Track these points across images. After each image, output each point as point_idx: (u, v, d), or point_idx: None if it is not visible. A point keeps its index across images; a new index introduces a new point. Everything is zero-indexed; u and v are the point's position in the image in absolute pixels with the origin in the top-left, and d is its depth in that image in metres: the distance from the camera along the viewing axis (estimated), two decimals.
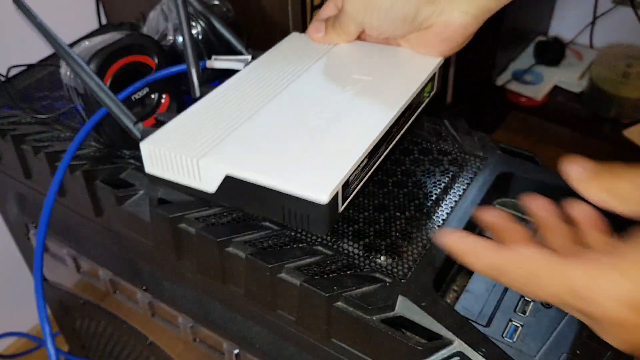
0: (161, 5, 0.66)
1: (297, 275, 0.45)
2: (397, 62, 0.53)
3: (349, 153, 0.41)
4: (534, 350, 0.43)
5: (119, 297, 0.70)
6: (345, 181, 0.40)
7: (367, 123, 0.45)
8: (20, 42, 0.94)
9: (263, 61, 0.55)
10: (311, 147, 0.43)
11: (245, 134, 0.44)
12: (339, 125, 0.45)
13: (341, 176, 0.40)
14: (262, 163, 0.41)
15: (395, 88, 0.49)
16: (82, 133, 0.53)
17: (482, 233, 0.52)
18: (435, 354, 0.41)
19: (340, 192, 0.40)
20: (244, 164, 0.41)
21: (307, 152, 0.42)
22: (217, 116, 0.46)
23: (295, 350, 0.52)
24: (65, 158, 0.51)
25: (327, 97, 0.48)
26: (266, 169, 0.40)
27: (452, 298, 0.48)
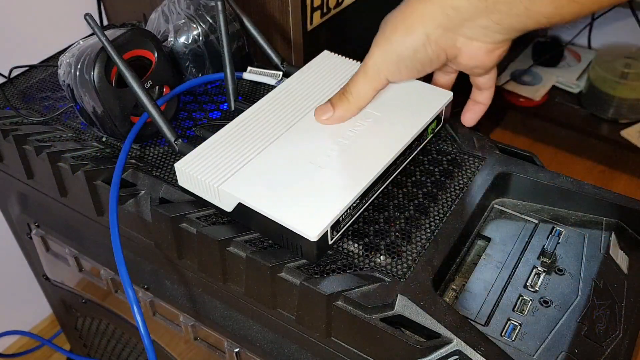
0: (162, 6, 0.66)
1: (297, 275, 0.46)
2: (408, 96, 0.55)
3: (344, 194, 0.46)
4: (533, 349, 0.43)
5: (121, 296, 0.70)
6: (336, 220, 0.45)
7: (366, 163, 0.49)
8: (22, 43, 0.94)
9: (291, 84, 0.58)
10: (312, 183, 0.47)
11: (260, 165, 0.50)
12: (341, 163, 0.49)
13: (332, 217, 0.44)
14: (268, 195, 0.47)
15: (399, 127, 0.52)
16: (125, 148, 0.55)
17: (480, 233, 0.52)
18: (434, 352, 0.41)
19: (329, 230, 0.45)
20: (253, 195, 0.47)
21: (307, 188, 0.47)
22: (239, 143, 0.52)
23: (295, 349, 0.52)
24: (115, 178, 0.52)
25: (337, 132, 0.52)
26: (270, 201, 0.46)
27: (451, 297, 0.48)
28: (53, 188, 0.62)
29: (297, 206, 0.46)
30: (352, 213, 0.47)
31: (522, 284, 0.48)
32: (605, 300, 0.47)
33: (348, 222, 0.47)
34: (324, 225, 0.44)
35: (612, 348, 0.44)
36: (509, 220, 0.53)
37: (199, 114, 0.64)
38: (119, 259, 0.46)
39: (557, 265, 0.49)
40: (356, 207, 0.47)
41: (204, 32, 0.64)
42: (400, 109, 0.54)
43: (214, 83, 0.70)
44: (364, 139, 0.51)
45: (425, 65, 0.50)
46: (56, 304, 0.92)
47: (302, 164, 0.49)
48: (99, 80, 0.54)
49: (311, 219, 0.44)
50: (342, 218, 0.46)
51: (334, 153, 0.50)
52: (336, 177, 0.48)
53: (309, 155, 0.50)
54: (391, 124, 0.52)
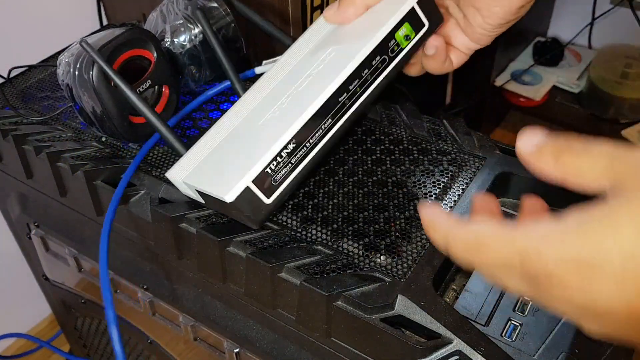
0: (161, 6, 0.66)
1: (297, 275, 0.45)
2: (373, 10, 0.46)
3: (267, 144, 0.42)
4: (533, 350, 0.43)
5: (120, 296, 0.70)
6: (261, 174, 0.41)
7: (301, 103, 0.43)
8: (21, 43, 0.94)
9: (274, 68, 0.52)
10: (244, 146, 0.44)
11: (215, 149, 0.47)
12: (279, 114, 0.44)
13: (247, 173, 0.41)
14: (207, 172, 0.45)
15: (350, 45, 0.44)
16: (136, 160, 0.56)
17: None
18: (435, 352, 0.41)
19: (253, 187, 0.41)
20: (196, 176, 0.45)
21: (238, 153, 0.44)
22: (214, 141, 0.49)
23: (295, 349, 0.52)
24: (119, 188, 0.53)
25: (289, 85, 0.46)
26: (205, 177, 0.45)
27: (451, 297, 0.48)
28: (52, 188, 0.62)
29: (222, 173, 0.43)
30: (289, 161, 0.42)
31: None
32: None
33: (290, 173, 0.43)
34: (238, 183, 0.41)
35: (613, 348, 0.44)
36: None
37: (199, 114, 0.64)
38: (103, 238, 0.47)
39: None
40: (294, 153, 0.42)
41: (201, 33, 0.64)
42: (360, 26, 0.45)
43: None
44: (313, 78, 0.44)
45: None
46: (56, 304, 0.92)
47: (245, 131, 0.46)
48: (98, 80, 0.54)
49: (228, 180, 0.42)
50: (270, 170, 0.42)
51: (278, 107, 0.45)
52: (267, 130, 0.43)
53: (254, 120, 0.46)
54: (345, 47, 0.44)
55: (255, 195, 0.42)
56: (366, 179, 0.54)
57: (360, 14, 0.46)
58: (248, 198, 0.42)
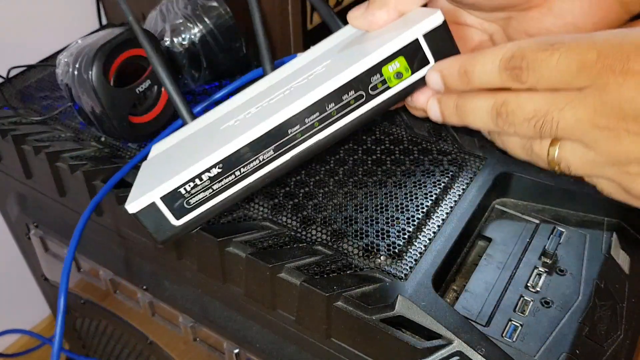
0: (160, 6, 0.66)
1: (297, 275, 0.45)
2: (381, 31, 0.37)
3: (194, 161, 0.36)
4: (534, 350, 0.43)
5: (120, 296, 0.70)
6: (173, 192, 0.36)
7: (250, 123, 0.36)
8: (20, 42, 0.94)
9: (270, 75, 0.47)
10: (182, 158, 0.39)
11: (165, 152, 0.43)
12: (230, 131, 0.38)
13: (156, 188, 0.36)
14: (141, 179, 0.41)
15: (333, 67, 0.37)
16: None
17: (481, 233, 0.52)
18: (435, 353, 0.41)
19: (162, 204, 0.36)
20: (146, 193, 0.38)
21: (172, 164, 0.39)
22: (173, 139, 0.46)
23: (295, 350, 0.52)
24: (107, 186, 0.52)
25: (267, 94, 0.41)
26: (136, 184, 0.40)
27: (451, 298, 0.48)
28: (52, 188, 0.62)
29: (147, 181, 0.38)
30: (210, 186, 0.36)
31: (523, 285, 0.47)
32: (606, 301, 0.47)
33: (208, 199, 0.37)
34: (145, 196, 0.36)
35: (614, 349, 0.44)
36: (510, 221, 0.53)
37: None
38: None
39: (558, 265, 0.49)
40: (218, 179, 0.36)
41: (200, 32, 0.63)
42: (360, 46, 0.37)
43: (213, 83, 0.69)
44: (283, 95, 0.38)
45: None
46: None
47: (197, 137, 0.41)
48: (97, 80, 0.53)
49: (142, 190, 0.37)
50: (185, 190, 0.36)
51: (241, 118, 0.39)
52: (208, 143, 0.38)
53: (215, 126, 0.41)
54: (329, 67, 0.37)
55: (162, 213, 0.37)
56: (366, 179, 0.54)
57: (391, 20, 0.37)
58: (153, 214, 0.37)
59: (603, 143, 0.27)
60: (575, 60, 0.26)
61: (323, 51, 0.43)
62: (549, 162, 0.30)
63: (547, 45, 0.27)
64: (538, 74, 0.27)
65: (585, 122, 0.27)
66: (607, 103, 0.26)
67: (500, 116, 0.29)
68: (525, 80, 0.28)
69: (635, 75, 0.25)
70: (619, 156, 0.27)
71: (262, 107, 0.38)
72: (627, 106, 0.25)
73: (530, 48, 0.27)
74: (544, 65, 0.27)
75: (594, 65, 0.26)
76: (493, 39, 0.39)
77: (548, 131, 0.28)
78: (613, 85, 0.25)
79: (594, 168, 0.28)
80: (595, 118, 0.26)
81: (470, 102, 0.31)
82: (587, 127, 0.27)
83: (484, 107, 0.30)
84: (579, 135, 0.27)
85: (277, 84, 0.42)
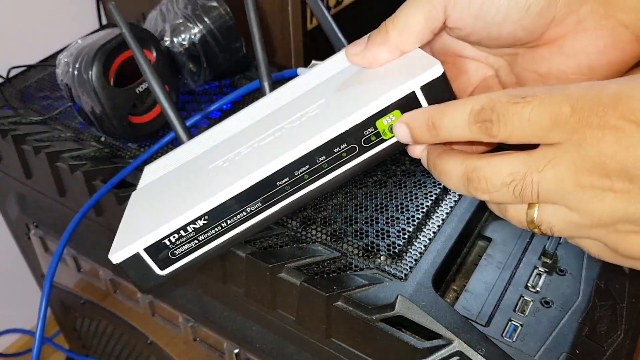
0: (160, 6, 0.66)
1: (297, 275, 0.45)
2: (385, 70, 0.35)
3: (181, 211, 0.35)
4: (534, 350, 0.43)
5: (120, 296, 0.70)
6: (157, 243, 0.35)
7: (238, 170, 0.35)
8: (20, 42, 0.94)
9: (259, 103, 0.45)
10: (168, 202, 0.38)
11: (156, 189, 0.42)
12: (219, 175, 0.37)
13: (140, 238, 0.35)
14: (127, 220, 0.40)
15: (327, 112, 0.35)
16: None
17: (481, 233, 0.52)
18: (435, 353, 0.41)
19: (146, 255, 0.35)
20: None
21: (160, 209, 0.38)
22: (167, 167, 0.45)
23: (295, 350, 0.52)
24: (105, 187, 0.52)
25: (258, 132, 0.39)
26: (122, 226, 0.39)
27: (451, 298, 0.48)
28: (52, 188, 0.62)
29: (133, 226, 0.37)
30: (195, 237, 0.35)
31: (523, 285, 0.47)
32: (606, 301, 0.47)
33: (193, 250, 0.35)
34: (129, 246, 0.35)
35: (614, 349, 0.44)
36: None
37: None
38: None
39: (558, 265, 0.49)
40: (203, 231, 0.35)
41: (200, 32, 0.63)
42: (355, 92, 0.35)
43: (213, 83, 0.69)
44: (274, 138, 0.36)
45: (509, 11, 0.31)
46: (55, 304, 0.92)
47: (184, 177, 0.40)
48: (97, 80, 0.53)
49: (128, 238, 0.36)
50: (169, 242, 0.35)
51: (230, 158, 0.38)
52: (195, 188, 0.37)
53: (204, 163, 0.40)
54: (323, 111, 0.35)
55: (146, 263, 0.36)
56: (366, 179, 0.54)
57: (391, 59, 0.35)
58: (137, 264, 0.36)
59: (587, 204, 0.25)
60: (548, 114, 0.25)
61: (321, 80, 0.41)
62: (527, 224, 0.28)
63: (519, 98, 0.25)
64: (510, 128, 0.26)
65: (568, 181, 0.25)
66: (587, 159, 0.24)
67: (472, 183, 0.28)
68: (495, 134, 0.26)
69: (614, 130, 0.23)
70: (605, 217, 0.25)
71: (252, 148, 0.37)
72: (609, 162, 0.24)
73: (501, 101, 0.26)
74: (515, 118, 0.25)
75: (569, 119, 0.24)
76: (498, 75, 0.37)
77: (529, 195, 0.26)
78: (591, 140, 0.24)
79: (578, 230, 0.27)
80: (577, 176, 0.25)
81: (444, 164, 0.29)
82: (570, 187, 0.25)
83: (455, 171, 0.29)
84: (561, 196, 0.26)
85: (270, 116, 0.41)
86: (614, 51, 0.31)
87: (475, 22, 0.32)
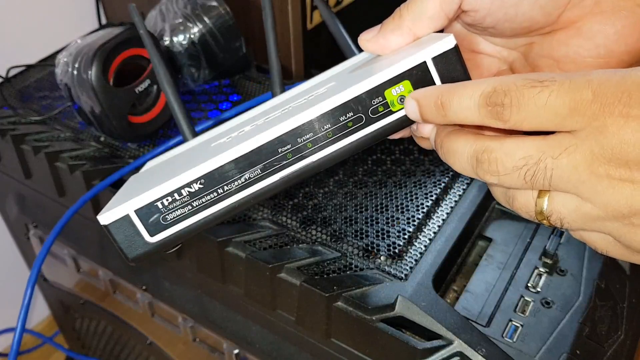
0: (160, 5, 0.66)
1: (297, 275, 0.45)
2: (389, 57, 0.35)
3: (174, 175, 0.34)
4: (534, 350, 0.43)
5: (119, 297, 0.70)
6: (148, 206, 0.33)
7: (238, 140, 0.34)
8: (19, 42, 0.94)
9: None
10: (165, 172, 0.37)
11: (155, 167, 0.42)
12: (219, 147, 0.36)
13: (131, 200, 0.33)
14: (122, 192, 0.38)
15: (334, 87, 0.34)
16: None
17: (482, 233, 0.52)
18: (435, 354, 0.41)
19: (136, 218, 0.34)
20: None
21: (154, 178, 0.37)
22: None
23: (295, 350, 0.52)
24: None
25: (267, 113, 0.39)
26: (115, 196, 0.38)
27: (452, 298, 0.48)
28: (51, 188, 0.62)
29: (126, 193, 0.36)
30: (189, 202, 0.33)
31: (523, 285, 0.47)
32: (607, 301, 0.47)
33: (186, 217, 0.34)
34: (118, 207, 0.33)
35: (614, 349, 0.44)
36: (510, 221, 0.53)
37: (198, 114, 0.64)
38: None
39: (559, 265, 0.49)
40: (198, 196, 0.33)
41: (200, 32, 0.63)
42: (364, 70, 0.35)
43: (213, 83, 0.69)
44: (279, 114, 0.36)
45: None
46: (54, 305, 0.92)
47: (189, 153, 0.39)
48: (97, 80, 0.53)
49: (118, 202, 0.34)
50: (162, 205, 0.33)
51: (235, 135, 0.37)
52: (195, 157, 0.36)
53: (210, 141, 0.39)
54: (330, 91, 0.34)
55: (135, 227, 0.34)
56: (366, 179, 0.54)
57: (405, 44, 0.34)
58: (125, 228, 0.34)
59: (601, 194, 0.24)
60: (568, 100, 0.23)
61: (332, 73, 0.41)
62: (536, 214, 0.27)
63: (536, 82, 0.24)
64: (523, 113, 0.24)
65: (583, 170, 0.24)
66: (607, 147, 0.23)
67: (481, 164, 0.26)
68: (507, 118, 0.25)
69: (638, 118, 0.22)
70: (620, 208, 0.24)
71: (257, 125, 0.36)
72: (630, 150, 0.23)
73: (516, 84, 0.25)
74: (531, 103, 0.24)
75: (590, 105, 0.23)
76: (513, 68, 0.36)
77: (540, 182, 0.25)
78: (612, 128, 0.23)
79: (590, 222, 0.26)
80: (593, 165, 0.24)
81: (452, 143, 0.28)
82: (585, 176, 0.24)
83: (464, 152, 0.27)
84: (575, 185, 0.24)
85: (278, 104, 0.40)
86: (632, 32, 0.30)
87: (492, 3, 0.31)
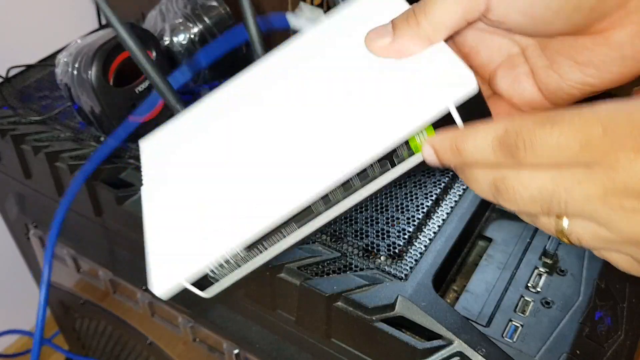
0: (160, 5, 0.66)
1: (297, 275, 0.45)
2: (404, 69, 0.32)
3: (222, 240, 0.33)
4: (534, 350, 0.43)
5: (119, 297, 0.70)
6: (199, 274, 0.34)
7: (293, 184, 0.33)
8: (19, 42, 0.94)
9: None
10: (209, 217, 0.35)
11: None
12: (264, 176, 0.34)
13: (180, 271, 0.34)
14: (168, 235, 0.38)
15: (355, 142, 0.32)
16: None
17: (482, 233, 0.52)
18: (435, 354, 0.41)
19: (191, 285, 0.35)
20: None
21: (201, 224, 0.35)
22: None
23: (295, 350, 0.52)
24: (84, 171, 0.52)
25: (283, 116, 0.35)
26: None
27: (452, 298, 0.48)
28: (51, 188, 0.62)
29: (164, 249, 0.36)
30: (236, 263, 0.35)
31: (523, 285, 0.47)
32: (607, 301, 0.46)
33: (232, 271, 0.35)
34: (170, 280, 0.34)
35: (614, 349, 0.44)
36: (510, 221, 0.53)
37: None
38: None
39: (559, 265, 0.49)
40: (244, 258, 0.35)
41: (200, 32, 0.63)
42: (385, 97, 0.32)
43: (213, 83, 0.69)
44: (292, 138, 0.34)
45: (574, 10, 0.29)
46: (54, 305, 0.92)
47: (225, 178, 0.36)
48: (97, 80, 0.53)
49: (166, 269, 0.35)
50: (218, 269, 0.35)
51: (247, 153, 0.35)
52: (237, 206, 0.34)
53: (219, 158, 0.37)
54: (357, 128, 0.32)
55: (190, 291, 0.35)
56: None
57: (420, 51, 0.32)
58: (179, 291, 0.35)
59: (617, 222, 0.25)
60: (578, 137, 0.24)
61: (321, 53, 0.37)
62: (556, 233, 0.28)
63: (545, 121, 0.25)
64: (538, 153, 0.25)
65: (596, 201, 0.24)
66: (618, 181, 0.23)
67: (500, 193, 0.27)
68: (522, 158, 0.25)
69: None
70: (635, 236, 0.25)
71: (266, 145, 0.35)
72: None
73: (527, 125, 0.25)
74: (543, 143, 0.25)
75: (601, 141, 0.23)
76: (526, 54, 0.34)
77: (556, 210, 0.26)
78: (624, 162, 0.23)
79: (607, 244, 0.26)
80: (606, 197, 0.24)
81: (473, 171, 0.29)
82: (598, 205, 0.25)
83: (484, 180, 0.28)
84: (589, 214, 0.25)
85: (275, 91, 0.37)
86: None
87: (522, 19, 0.30)
